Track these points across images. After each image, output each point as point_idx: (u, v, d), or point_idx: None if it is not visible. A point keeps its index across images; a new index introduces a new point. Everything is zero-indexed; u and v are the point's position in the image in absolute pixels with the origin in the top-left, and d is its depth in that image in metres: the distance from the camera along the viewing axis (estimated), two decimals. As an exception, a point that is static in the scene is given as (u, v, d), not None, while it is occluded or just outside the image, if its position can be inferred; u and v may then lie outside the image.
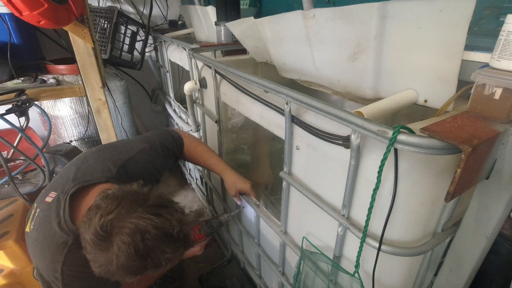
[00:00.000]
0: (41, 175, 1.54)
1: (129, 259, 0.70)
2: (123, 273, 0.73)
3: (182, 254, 0.81)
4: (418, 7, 0.69)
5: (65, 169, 0.98)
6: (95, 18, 2.10)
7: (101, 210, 0.73)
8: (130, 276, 0.75)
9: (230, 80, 1.16)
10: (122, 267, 0.71)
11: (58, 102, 2.03)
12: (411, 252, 0.69)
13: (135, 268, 0.72)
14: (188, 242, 0.81)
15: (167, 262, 0.75)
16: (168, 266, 0.77)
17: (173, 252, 0.75)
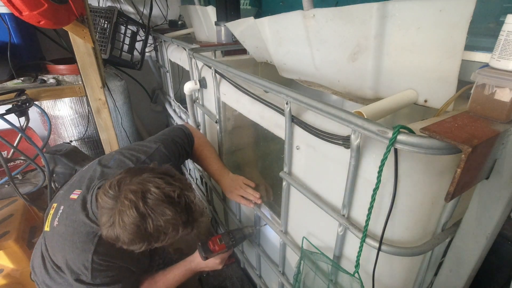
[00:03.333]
0: (41, 175, 1.54)
1: (130, 217, 0.73)
2: (127, 236, 0.75)
3: (187, 228, 0.80)
4: (418, 7, 0.69)
5: (86, 169, 1.03)
6: (95, 18, 2.10)
7: (113, 176, 0.80)
8: (134, 242, 0.76)
9: (230, 80, 1.16)
10: (125, 227, 0.74)
11: (58, 102, 2.03)
12: (411, 252, 0.69)
13: (136, 229, 0.74)
14: (192, 212, 0.81)
15: (168, 227, 0.76)
16: (171, 234, 0.77)
17: (174, 217, 0.76)
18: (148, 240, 0.77)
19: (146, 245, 0.78)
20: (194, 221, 0.83)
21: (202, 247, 1.03)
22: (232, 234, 1.09)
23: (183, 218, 0.79)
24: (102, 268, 0.89)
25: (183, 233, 0.81)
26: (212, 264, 1.08)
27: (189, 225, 0.81)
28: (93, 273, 0.88)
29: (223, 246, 1.05)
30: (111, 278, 0.93)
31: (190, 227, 0.82)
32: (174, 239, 0.81)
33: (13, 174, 1.55)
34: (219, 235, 1.08)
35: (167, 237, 0.78)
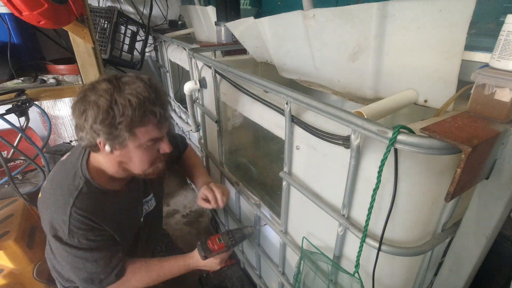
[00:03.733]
0: (41, 175, 1.54)
1: (103, 86, 0.76)
2: (94, 102, 0.75)
3: (156, 107, 0.79)
4: (418, 7, 0.69)
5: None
6: (95, 18, 2.10)
7: None
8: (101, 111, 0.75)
9: (230, 80, 1.16)
10: (96, 94, 0.75)
11: (58, 102, 2.03)
12: (411, 252, 0.69)
13: (106, 95, 0.75)
14: (160, 95, 0.82)
15: (137, 96, 0.75)
16: (138, 108, 0.76)
17: (144, 89, 0.77)
18: (113, 111, 0.75)
19: (110, 118, 0.75)
20: (162, 104, 0.82)
21: (201, 246, 1.03)
22: (232, 234, 1.08)
23: (152, 95, 0.79)
24: (81, 226, 0.84)
25: (151, 115, 0.79)
26: (210, 264, 1.06)
27: (157, 105, 0.80)
28: (71, 229, 0.83)
29: (223, 245, 1.04)
30: (90, 242, 0.86)
31: (159, 108, 0.80)
32: (139, 123, 0.78)
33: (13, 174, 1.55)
34: (218, 234, 1.07)
35: (134, 111, 0.76)
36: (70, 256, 0.87)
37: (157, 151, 0.89)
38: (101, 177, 0.91)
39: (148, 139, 0.82)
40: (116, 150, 0.82)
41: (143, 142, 0.82)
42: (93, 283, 0.92)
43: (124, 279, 0.96)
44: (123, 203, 0.97)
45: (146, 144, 0.83)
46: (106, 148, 0.81)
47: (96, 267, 0.89)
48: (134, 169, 0.88)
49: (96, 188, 0.89)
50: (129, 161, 0.86)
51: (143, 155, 0.85)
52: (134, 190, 1.03)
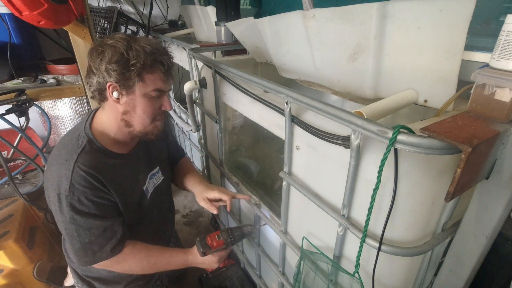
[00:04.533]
0: (41, 175, 1.54)
1: (120, 36, 0.85)
2: (112, 46, 0.82)
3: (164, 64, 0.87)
4: (418, 7, 0.69)
5: None
6: (95, 18, 2.10)
7: None
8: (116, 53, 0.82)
9: (230, 80, 1.16)
10: (114, 39, 0.83)
11: (58, 102, 2.03)
12: (411, 252, 0.69)
13: (124, 41, 0.83)
14: (170, 57, 0.90)
15: (149, 48, 0.84)
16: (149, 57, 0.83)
17: (157, 43, 0.87)
18: (128, 54, 0.82)
19: (125, 61, 0.82)
20: (170, 58, 0.90)
21: (200, 242, 1.02)
22: (231, 232, 1.07)
23: (162, 48, 0.88)
24: (82, 182, 0.84)
25: (160, 64, 0.86)
26: (209, 261, 1.05)
27: (166, 56, 0.88)
28: (72, 183, 0.83)
29: (222, 242, 1.03)
30: (89, 202, 0.86)
31: (167, 59, 0.88)
32: (149, 69, 0.84)
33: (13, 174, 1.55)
34: (217, 231, 1.07)
35: (146, 56, 0.83)
36: (66, 221, 0.86)
37: (159, 107, 0.93)
38: (104, 139, 0.93)
39: (154, 88, 0.87)
40: (123, 96, 0.87)
41: (149, 90, 0.87)
42: (86, 255, 0.90)
43: (121, 257, 0.95)
44: (125, 168, 0.97)
45: (151, 94, 0.88)
46: (114, 94, 0.86)
47: (89, 236, 0.88)
48: (136, 122, 0.91)
49: (98, 148, 0.91)
50: (132, 111, 0.89)
51: (147, 106, 0.89)
52: (137, 157, 1.04)
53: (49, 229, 1.80)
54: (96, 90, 0.88)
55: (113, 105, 0.89)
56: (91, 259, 0.91)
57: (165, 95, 0.93)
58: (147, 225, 1.09)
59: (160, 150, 1.16)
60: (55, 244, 1.80)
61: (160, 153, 1.16)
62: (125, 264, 0.96)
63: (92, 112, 0.97)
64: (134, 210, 1.01)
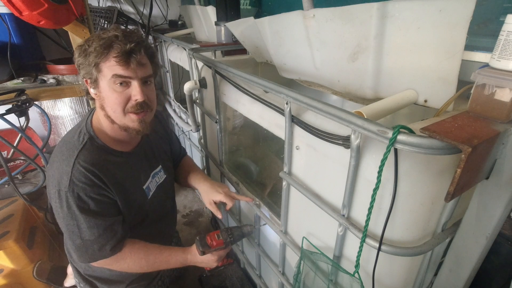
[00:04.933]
0: (41, 175, 1.54)
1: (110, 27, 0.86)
2: (78, 48, 0.84)
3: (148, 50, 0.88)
4: (418, 7, 0.69)
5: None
6: (95, 18, 2.10)
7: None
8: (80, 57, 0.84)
9: (230, 80, 1.16)
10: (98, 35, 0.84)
11: (58, 102, 2.03)
12: (411, 252, 0.69)
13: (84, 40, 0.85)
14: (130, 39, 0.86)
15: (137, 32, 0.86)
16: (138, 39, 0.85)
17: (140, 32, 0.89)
18: (87, 44, 0.83)
19: (82, 52, 0.83)
20: (130, 43, 0.84)
21: (199, 241, 1.02)
22: (231, 231, 1.07)
23: (120, 34, 0.84)
24: (82, 179, 0.84)
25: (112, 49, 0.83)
26: (208, 261, 1.04)
27: (122, 42, 0.84)
28: (72, 179, 0.83)
29: (221, 242, 1.03)
30: (89, 200, 0.85)
31: (122, 44, 0.83)
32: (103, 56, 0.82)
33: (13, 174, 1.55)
34: (217, 230, 1.07)
35: (99, 42, 0.82)
36: (67, 217, 0.86)
37: (128, 97, 0.87)
38: (104, 137, 0.93)
39: (112, 74, 0.83)
40: (95, 90, 0.88)
41: (108, 78, 0.84)
42: (86, 252, 0.90)
43: (120, 256, 0.94)
44: (127, 166, 0.97)
45: (114, 83, 0.84)
46: (91, 90, 0.89)
47: (89, 235, 0.88)
48: (111, 115, 0.89)
49: (99, 145, 0.91)
50: (105, 104, 0.88)
51: (112, 97, 0.86)
52: (139, 156, 1.03)
53: (49, 229, 1.81)
54: (84, 90, 0.90)
55: (96, 101, 0.91)
56: (91, 257, 0.92)
57: (134, 83, 0.86)
58: (150, 224, 1.09)
59: (163, 149, 1.16)
60: (55, 244, 1.80)
61: (163, 152, 1.16)
62: (123, 263, 0.96)
63: (93, 109, 0.98)
64: (136, 208, 1.00)
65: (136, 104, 0.87)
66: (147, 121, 0.92)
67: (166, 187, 1.15)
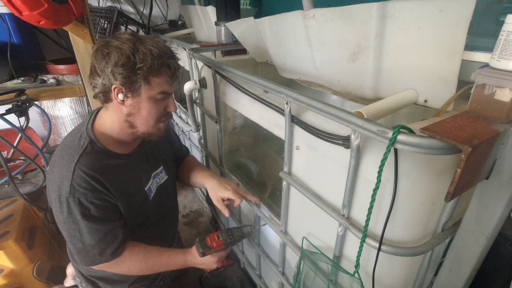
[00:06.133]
0: (41, 175, 1.54)
1: (126, 35, 0.84)
2: (117, 48, 0.81)
3: (170, 65, 0.87)
4: (418, 7, 0.69)
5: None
6: (95, 18, 2.11)
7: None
8: (121, 55, 0.80)
9: (230, 80, 1.16)
10: (120, 40, 0.82)
11: (58, 102, 2.03)
12: (411, 252, 0.69)
13: (129, 42, 0.82)
14: (175, 58, 0.89)
15: (156, 49, 0.83)
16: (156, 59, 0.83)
17: (164, 44, 0.86)
18: (135, 57, 0.81)
19: (131, 65, 0.81)
20: (176, 61, 0.89)
21: (199, 243, 1.02)
22: (231, 232, 1.07)
23: (169, 51, 0.87)
24: (83, 184, 0.84)
25: (166, 67, 0.86)
26: (208, 262, 1.04)
27: (173, 60, 0.88)
28: (72, 185, 0.83)
29: (221, 243, 1.03)
30: (90, 205, 0.85)
31: (174, 63, 0.88)
32: (156, 72, 0.84)
33: (13, 174, 1.55)
34: (217, 232, 1.06)
35: (154, 60, 0.82)
36: (67, 221, 0.86)
37: (163, 109, 0.93)
38: (106, 139, 0.93)
39: (160, 91, 0.87)
40: (128, 98, 0.86)
41: (155, 93, 0.87)
42: (87, 256, 0.91)
43: (120, 259, 0.95)
44: (128, 168, 0.97)
45: (157, 97, 0.88)
46: (119, 96, 0.85)
47: (90, 240, 0.88)
48: (140, 123, 0.91)
49: (100, 149, 0.91)
50: (137, 113, 0.89)
51: (152, 108, 0.89)
52: (140, 157, 1.03)
53: (49, 229, 1.81)
54: (101, 92, 0.87)
55: (118, 107, 0.89)
56: (91, 261, 0.92)
57: (170, 97, 0.93)
58: (151, 225, 1.09)
59: (163, 149, 1.16)
60: (55, 244, 1.80)
61: (164, 152, 1.16)
62: (123, 266, 0.96)
63: (94, 112, 0.97)
64: (138, 210, 1.00)
65: (166, 114, 0.95)
66: None
67: (167, 188, 1.15)
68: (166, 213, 1.17)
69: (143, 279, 1.12)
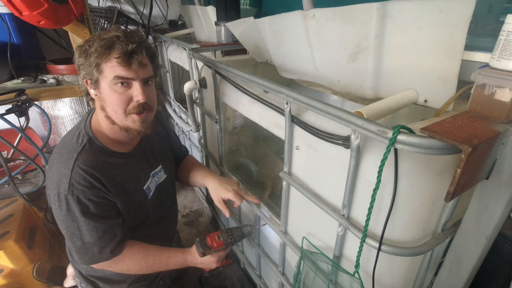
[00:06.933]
0: (41, 175, 1.54)
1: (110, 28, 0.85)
2: (78, 49, 0.84)
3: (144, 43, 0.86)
4: (418, 7, 0.69)
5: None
6: (95, 18, 2.10)
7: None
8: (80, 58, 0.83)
9: (230, 80, 1.16)
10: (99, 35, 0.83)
11: (58, 102, 2.03)
12: (411, 252, 0.69)
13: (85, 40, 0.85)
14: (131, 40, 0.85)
15: (139, 32, 0.85)
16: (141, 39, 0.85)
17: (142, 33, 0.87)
18: (87, 44, 0.83)
19: (83, 52, 0.82)
20: (131, 43, 0.83)
21: (199, 243, 1.02)
22: (231, 232, 1.07)
23: (121, 35, 0.83)
24: (82, 181, 0.84)
25: (114, 50, 0.82)
26: (208, 262, 1.04)
27: (123, 42, 0.83)
28: (71, 182, 0.83)
29: (221, 243, 1.03)
30: (89, 202, 0.85)
31: (124, 45, 0.82)
32: (106, 57, 0.82)
33: (13, 174, 1.55)
34: (217, 231, 1.06)
35: (100, 42, 0.81)
36: (67, 219, 0.86)
37: (129, 98, 0.87)
38: (103, 138, 0.93)
39: (113, 76, 0.82)
40: (95, 90, 0.87)
41: (110, 79, 0.83)
42: (87, 254, 0.91)
43: (119, 257, 0.95)
44: (126, 166, 0.97)
45: (114, 84, 0.84)
46: (91, 91, 0.88)
47: (89, 237, 0.88)
48: (112, 116, 0.88)
49: (98, 146, 0.91)
50: (105, 105, 0.87)
51: (113, 97, 0.85)
52: (139, 156, 1.03)
53: (49, 229, 1.81)
54: (84, 91, 0.89)
55: (96, 102, 0.90)
56: (91, 259, 0.92)
57: (135, 84, 0.86)
58: (150, 224, 1.09)
59: (163, 148, 1.16)
60: (55, 244, 1.80)
61: (163, 151, 1.16)
62: (123, 264, 0.96)
63: (92, 110, 0.97)
64: (136, 209, 1.00)
65: (137, 105, 0.87)
66: (148, 122, 0.92)
67: (166, 187, 1.15)
68: (165, 212, 1.17)
69: (142, 279, 1.12)
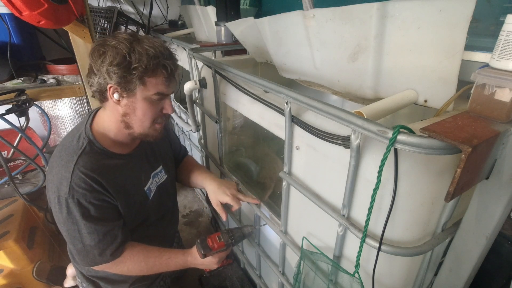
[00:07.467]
0: (41, 175, 1.54)
1: (123, 35, 0.83)
2: (113, 46, 0.80)
3: (167, 63, 0.85)
4: (418, 7, 0.69)
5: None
6: (95, 18, 2.10)
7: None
8: (116, 54, 0.80)
9: (230, 80, 1.16)
10: (117, 40, 0.81)
11: (58, 102, 2.04)
12: (411, 252, 0.69)
13: (126, 41, 0.81)
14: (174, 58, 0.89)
15: (153, 49, 0.82)
16: (152, 58, 0.81)
17: (161, 44, 0.85)
18: (131, 57, 0.80)
19: (126, 64, 0.80)
20: (174, 62, 0.88)
21: (200, 244, 1.02)
22: (232, 233, 1.07)
23: (166, 51, 0.85)
24: (82, 185, 0.84)
25: (163, 68, 0.84)
26: (208, 263, 1.04)
27: (170, 60, 0.86)
28: (72, 185, 0.83)
29: (222, 244, 1.03)
30: (90, 205, 0.85)
31: (171, 64, 0.86)
32: (152, 73, 0.83)
33: (13, 174, 1.55)
34: (218, 232, 1.06)
35: (149, 60, 0.81)
36: (67, 222, 0.86)
37: (160, 110, 0.92)
38: (104, 140, 0.93)
39: (155, 92, 0.86)
40: (124, 98, 0.86)
41: (151, 94, 0.86)
42: (87, 256, 0.91)
43: (120, 260, 0.95)
44: (127, 168, 0.97)
45: (152, 98, 0.87)
46: (115, 96, 0.85)
47: (89, 240, 0.88)
48: (136, 124, 0.90)
49: (99, 149, 0.90)
50: (132, 114, 0.88)
51: (147, 109, 0.88)
52: (139, 157, 1.03)
53: (49, 229, 1.81)
54: (97, 91, 0.87)
55: (114, 106, 0.89)
56: (91, 261, 0.92)
57: (167, 98, 0.92)
58: (151, 224, 1.09)
59: (163, 149, 1.16)
60: (55, 244, 1.80)
61: (164, 152, 1.16)
62: (123, 266, 0.96)
63: (93, 112, 0.97)
64: (137, 210, 1.00)
65: (165, 116, 0.94)
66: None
67: (167, 187, 1.15)
68: (165, 212, 1.17)
69: (143, 279, 1.12)
